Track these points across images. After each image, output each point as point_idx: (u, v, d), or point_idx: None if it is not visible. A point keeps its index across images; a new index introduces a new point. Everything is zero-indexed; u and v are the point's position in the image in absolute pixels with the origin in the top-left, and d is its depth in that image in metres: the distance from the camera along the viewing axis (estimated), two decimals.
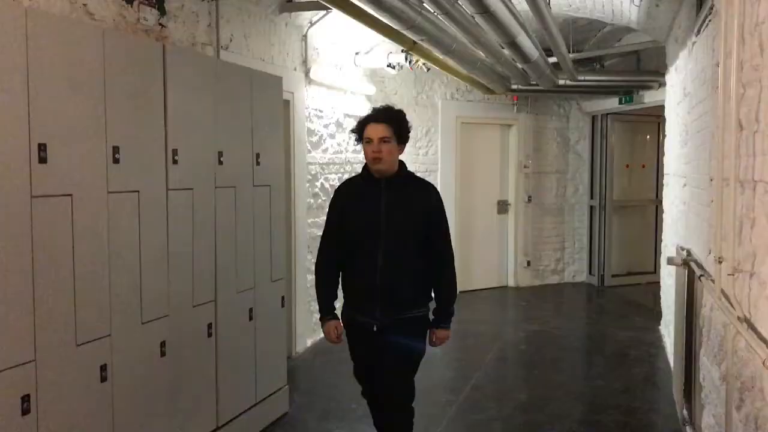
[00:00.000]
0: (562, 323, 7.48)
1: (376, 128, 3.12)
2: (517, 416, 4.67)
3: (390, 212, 3.11)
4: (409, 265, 3.15)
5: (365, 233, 3.13)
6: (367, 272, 3.13)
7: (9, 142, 2.45)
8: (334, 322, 3.29)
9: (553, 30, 5.22)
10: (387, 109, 3.22)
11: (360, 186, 3.26)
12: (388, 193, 3.14)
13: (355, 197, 3.23)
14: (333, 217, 3.28)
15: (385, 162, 3.11)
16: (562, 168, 9.53)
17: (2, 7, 2.55)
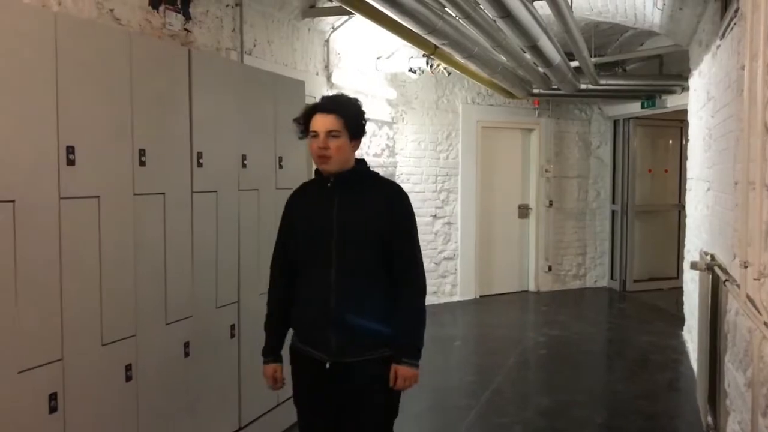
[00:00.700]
0: (583, 328, 7.43)
1: (324, 120, 2.53)
2: (539, 421, 4.65)
3: (343, 216, 2.54)
4: (371, 284, 2.54)
5: (314, 243, 2.56)
6: (318, 292, 2.52)
7: (38, 145, 2.50)
8: (274, 366, 2.69)
9: (575, 34, 5.21)
10: (337, 98, 2.67)
11: (311, 190, 2.71)
12: (340, 194, 2.57)
13: (305, 203, 2.67)
14: (282, 229, 2.72)
15: (334, 161, 2.53)
16: (583, 172, 9.47)
17: (32, 13, 2.61)
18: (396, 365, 2.55)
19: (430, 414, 4.85)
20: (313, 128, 2.54)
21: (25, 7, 2.71)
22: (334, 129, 2.51)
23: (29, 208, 2.45)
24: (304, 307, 2.60)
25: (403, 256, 2.58)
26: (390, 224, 2.55)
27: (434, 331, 7.31)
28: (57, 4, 3.19)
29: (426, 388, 5.43)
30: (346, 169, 2.57)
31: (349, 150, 2.57)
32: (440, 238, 8.32)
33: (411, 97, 7.94)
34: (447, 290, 8.39)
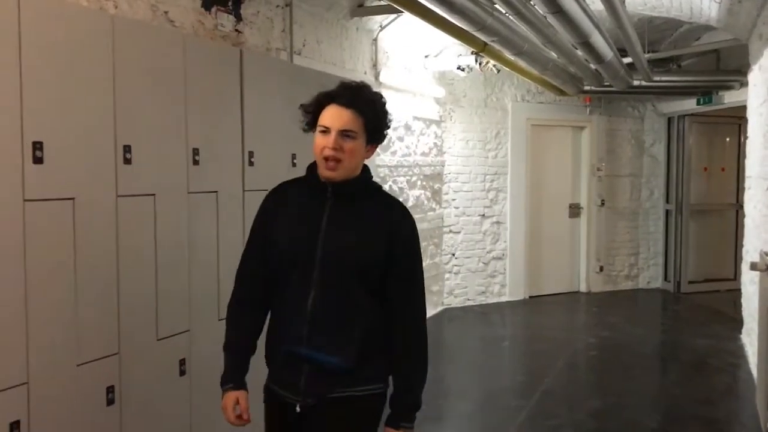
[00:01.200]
0: (635, 330, 7.27)
1: (340, 114, 2.03)
2: (590, 423, 4.56)
3: (332, 234, 2.05)
4: (355, 315, 2.05)
5: (293, 258, 2.06)
6: (292, 319, 2.06)
7: (97, 144, 2.57)
8: (235, 394, 2.13)
9: (628, 29, 5.10)
10: (359, 90, 2.10)
11: (298, 192, 2.16)
12: (334, 206, 2.07)
13: (289, 206, 2.14)
14: (256, 233, 2.19)
15: (343, 167, 2.04)
16: (636, 171, 9.28)
17: (90, 16, 2.68)
18: (390, 428, 2.11)
19: (479, 414, 4.82)
20: (323, 122, 2.03)
21: (83, 10, 2.78)
22: (350, 129, 2.02)
23: (88, 206, 2.52)
24: (277, 338, 2.13)
25: (405, 292, 2.11)
26: (390, 250, 2.07)
27: (483, 331, 7.27)
28: (113, 7, 3.27)
29: (475, 388, 5.40)
30: (350, 178, 2.08)
31: (362, 156, 2.09)
32: (489, 238, 8.25)
33: (459, 95, 7.90)
34: (496, 290, 8.32)
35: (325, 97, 2.08)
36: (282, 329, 2.10)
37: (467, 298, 8.12)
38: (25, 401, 2.28)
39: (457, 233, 8.01)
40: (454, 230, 8.00)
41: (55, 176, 2.39)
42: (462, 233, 8.05)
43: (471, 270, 8.13)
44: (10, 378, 2.24)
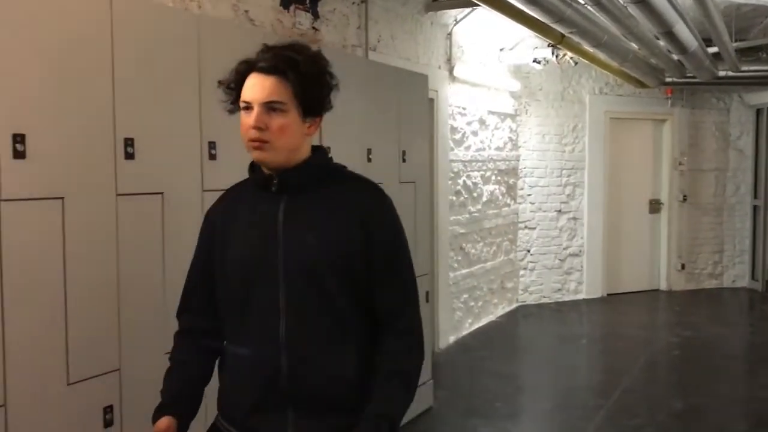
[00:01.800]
0: (720, 330, 7.00)
1: (261, 83, 1.62)
2: (673, 425, 4.43)
3: (293, 235, 1.64)
4: (341, 335, 1.65)
5: (251, 280, 1.65)
6: (261, 354, 1.64)
7: (184, 141, 2.66)
8: (167, 420, 1.66)
9: (714, 18, 4.91)
10: (283, 50, 1.64)
11: (243, 197, 1.75)
12: (288, 201, 1.66)
13: (235, 215, 1.73)
14: (199, 254, 1.79)
15: (273, 149, 1.62)
16: (721, 165, 8.91)
17: (176, 16, 2.77)
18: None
19: (557, 412, 4.74)
20: (244, 97, 1.64)
21: (169, 10, 2.89)
22: (275, 100, 1.60)
23: (176, 200, 2.61)
24: (237, 380, 1.68)
25: (390, 294, 1.68)
26: (367, 245, 1.64)
27: (559, 328, 7.15)
28: (197, 7, 3.37)
29: (552, 386, 5.32)
30: (295, 163, 1.67)
31: (299, 132, 1.65)
32: (565, 234, 8.10)
33: (535, 89, 7.78)
34: (572, 288, 8.16)
35: (244, 65, 1.66)
36: (248, 369, 1.65)
37: (542, 296, 8.00)
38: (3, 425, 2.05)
39: (532, 229, 7.90)
40: (530, 226, 7.89)
41: (145, 172, 2.49)
42: (537, 229, 7.93)
43: (546, 267, 8.01)
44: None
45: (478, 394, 4.95)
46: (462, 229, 6.50)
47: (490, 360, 5.90)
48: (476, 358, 5.90)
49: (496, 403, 4.78)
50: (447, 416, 4.54)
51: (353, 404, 1.61)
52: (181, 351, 1.78)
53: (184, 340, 1.79)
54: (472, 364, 5.74)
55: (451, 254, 6.31)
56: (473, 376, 5.39)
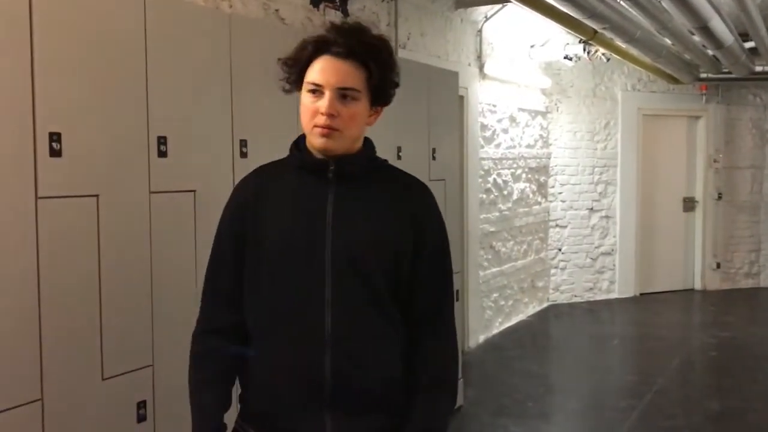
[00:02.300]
0: (758, 330, 6.86)
1: (336, 67, 1.51)
2: (708, 427, 4.35)
3: (343, 225, 1.55)
4: (384, 331, 1.57)
5: (296, 264, 1.54)
6: (303, 345, 1.53)
7: (215, 138, 2.68)
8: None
9: (752, 11, 4.82)
10: (360, 33, 1.54)
11: (283, 177, 1.62)
12: (339, 190, 1.57)
13: (275, 199, 1.59)
14: (226, 242, 1.62)
15: (342, 137, 1.54)
16: (758, 162, 8.73)
17: (208, 14, 2.79)
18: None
19: (588, 413, 4.69)
20: (314, 79, 1.52)
21: (201, 9, 2.91)
22: (351, 86, 1.51)
23: (208, 198, 2.63)
24: (278, 372, 1.55)
25: (433, 297, 1.61)
26: (416, 245, 1.59)
27: (591, 328, 7.07)
28: (228, 6, 3.40)
29: (584, 386, 5.26)
30: (352, 152, 1.59)
31: (364, 121, 1.59)
32: (597, 232, 8.00)
33: (566, 86, 7.69)
34: (604, 287, 8.06)
35: (314, 45, 1.52)
36: (289, 359, 1.53)
37: (574, 295, 7.91)
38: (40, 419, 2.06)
39: (563, 227, 7.82)
40: (561, 224, 7.81)
41: (178, 170, 2.51)
42: (569, 227, 7.85)
43: (578, 265, 7.92)
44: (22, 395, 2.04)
45: (508, 393, 4.92)
46: (492, 227, 6.46)
47: (521, 359, 5.85)
48: (506, 358, 5.86)
49: (527, 402, 4.74)
50: (477, 415, 4.51)
51: (395, 405, 1.57)
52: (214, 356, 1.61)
53: (214, 344, 1.60)
54: (503, 363, 5.70)
55: (481, 253, 6.27)
56: (503, 376, 5.35)
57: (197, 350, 1.63)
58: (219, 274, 1.63)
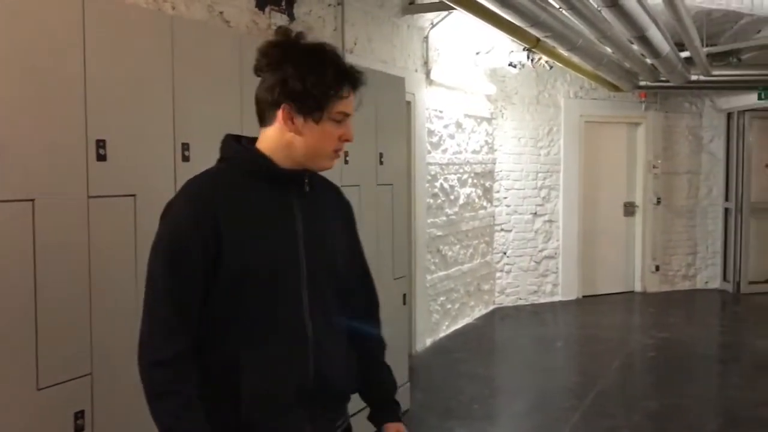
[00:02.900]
0: (694, 331, 7.09)
1: (353, 99, 1.67)
2: (647, 425, 4.47)
3: (310, 234, 1.66)
4: (342, 330, 1.75)
5: (278, 272, 1.61)
6: (293, 351, 1.61)
7: (157, 142, 2.63)
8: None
9: (686, 22, 4.98)
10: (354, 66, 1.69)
11: (249, 190, 1.62)
12: (300, 202, 1.66)
13: (248, 214, 1.60)
14: (196, 261, 1.54)
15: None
16: (694, 168, 9.04)
17: (149, 16, 2.75)
18: (397, 424, 1.86)
19: (533, 414, 4.77)
20: (344, 109, 1.64)
21: (141, 11, 2.86)
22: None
23: (149, 202, 2.58)
24: (262, 383, 1.58)
25: (369, 284, 1.87)
26: (352, 241, 1.82)
27: (535, 330, 7.19)
28: (171, 8, 3.34)
29: (528, 387, 5.34)
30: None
31: None
32: (540, 236, 8.16)
33: (511, 92, 7.82)
34: (548, 290, 8.22)
35: (345, 78, 1.63)
36: (279, 370, 1.59)
37: (519, 298, 8.04)
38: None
39: (508, 232, 7.95)
40: (506, 228, 7.93)
41: (117, 174, 2.46)
42: (513, 231, 7.98)
43: (522, 269, 8.05)
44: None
45: (454, 396, 4.96)
46: (439, 231, 6.52)
47: (467, 362, 5.92)
48: (453, 361, 5.91)
49: (473, 404, 4.79)
50: (424, 418, 4.54)
51: (346, 399, 1.77)
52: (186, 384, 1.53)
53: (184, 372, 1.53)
54: (449, 366, 5.75)
55: (429, 257, 6.32)
56: (450, 378, 5.40)
57: (163, 358, 1.52)
58: (185, 294, 1.55)
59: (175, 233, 1.57)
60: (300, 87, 1.57)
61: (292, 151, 1.63)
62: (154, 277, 1.57)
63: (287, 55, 1.59)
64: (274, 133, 1.63)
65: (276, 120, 1.62)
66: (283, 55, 1.59)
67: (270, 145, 1.64)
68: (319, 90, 1.58)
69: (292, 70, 1.57)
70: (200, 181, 1.64)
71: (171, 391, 1.52)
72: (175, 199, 1.63)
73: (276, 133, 1.63)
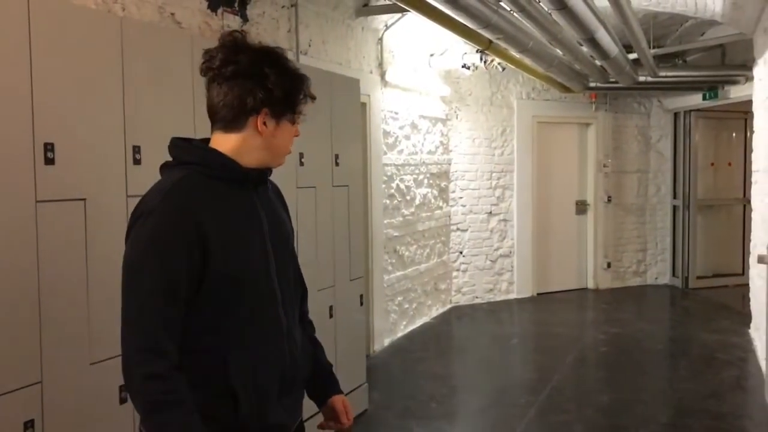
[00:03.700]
0: (644, 326, 7.27)
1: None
2: (600, 419, 4.57)
3: (272, 224, 1.74)
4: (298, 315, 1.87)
5: (257, 270, 1.68)
6: (275, 342, 1.70)
7: (107, 145, 2.59)
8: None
9: (633, 25, 5.10)
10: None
11: (216, 189, 1.64)
12: (259, 200, 1.73)
13: (227, 218, 1.63)
14: (182, 269, 1.55)
15: None
16: (643, 167, 9.27)
17: (99, 18, 2.70)
18: (342, 396, 1.93)
19: (490, 411, 4.83)
20: (304, 109, 1.73)
21: (90, 12, 2.82)
22: None
23: (99, 206, 2.54)
24: (259, 377, 1.65)
25: (298, 265, 1.91)
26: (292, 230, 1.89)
27: (492, 328, 7.28)
28: (121, 9, 3.29)
29: (485, 385, 5.41)
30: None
31: None
32: (496, 235, 8.26)
33: (465, 94, 7.91)
34: (503, 288, 8.33)
35: (305, 84, 1.71)
36: (268, 363, 1.67)
37: (475, 296, 8.13)
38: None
39: (464, 231, 8.03)
40: (461, 228, 8.01)
41: (66, 178, 2.41)
42: (469, 231, 8.06)
43: (479, 268, 8.14)
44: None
45: (413, 395, 4.99)
46: (396, 232, 6.55)
47: (425, 361, 5.96)
48: (411, 360, 5.94)
49: (431, 403, 4.83)
50: (382, 418, 4.56)
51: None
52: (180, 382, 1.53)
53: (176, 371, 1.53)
54: (407, 365, 5.78)
55: (386, 257, 6.34)
56: (408, 378, 5.43)
57: (155, 371, 1.50)
58: (173, 306, 1.55)
59: (160, 245, 1.54)
60: (281, 93, 1.63)
61: (259, 153, 1.67)
62: (138, 290, 1.54)
63: (260, 61, 1.61)
64: (241, 137, 1.65)
65: (248, 125, 1.64)
66: (255, 61, 1.61)
67: (234, 147, 1.65)
68: (295, 95, 1.67)
69: (274, 77, 1.61)
70: (177, 188, 1.59)
71: (171, 401, 1.51)
72: (153, 210, 1.56)
73: (244, 136, 1.65)
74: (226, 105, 1.63)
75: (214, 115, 1.66)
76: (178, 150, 1.69)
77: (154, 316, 1.52)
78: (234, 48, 1.61)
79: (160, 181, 1.66)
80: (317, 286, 4.06)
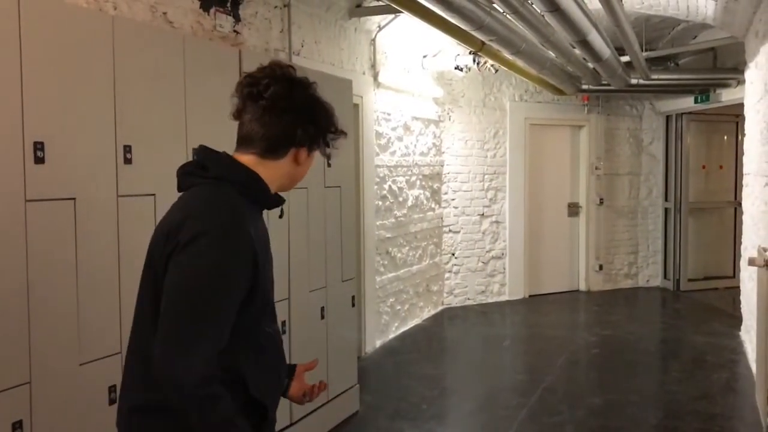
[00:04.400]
0: (636, 328, 7.29)
1: None
2: (591, 421, 4.58)
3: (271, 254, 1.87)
4: None
5: (272, 301, 1.83)
6: (280, 359, 1.85)
7: (98, 144, 2.58)
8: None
9: (625, 28, 5.12)
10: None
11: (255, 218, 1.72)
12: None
13: (262, 243, 1.71)
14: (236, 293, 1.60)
15: None
16: (635, 170, 9.29)
17: (90, 17, 2.69)
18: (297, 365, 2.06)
19: (481, 412, 4.83)
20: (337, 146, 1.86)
21: (81, 11, 2.80)
22: None
23: (89, 206, 2.53)
24: (271, 381, 1.79)
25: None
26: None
27: (483, 330, 7.28)
28: (113, 8, 3.28)
29: (477, 386, 5.41)
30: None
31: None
32: (488, 237, 8.27)
33: (458, 95, 7.91)
34: (495, 290, 8.33)
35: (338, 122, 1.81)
36: (278, 368, 1.83)
37: (467, 298, 8.13)
38: None
39: (456, 233, 8.03)
40: (454, 230, 8.01)
41: (56, 177, 2.40)
42: (461, 233, 8.06)
43: (471, 269, 8.15)
44: None
45: (404, 397, 4.99)
46: (388, 233, 6.54)
47: (416, 363, 5.96)
48: (402, 362, 5.94)
49: (422, 405, 4.82)
50: (373, 420, 4.55)
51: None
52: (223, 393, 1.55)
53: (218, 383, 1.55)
54: (399, 367, 5.77)
55: (378, 258, 6.34)
56: (399, 380, 5.42)
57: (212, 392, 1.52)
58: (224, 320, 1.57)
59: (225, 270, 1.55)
60: (325, 131, 1.74)
61: (283, 180, 1.75)
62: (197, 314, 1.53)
63: (312, 99, 1.72)
64: (277, 164, 1.71)
65: (287, 155, 1.71)
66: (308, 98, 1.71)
67: (268, 173, 1.69)
68: (334, 132, 1.77)
69: (323, 115, 1.73)
70: (233, 208, 1.62)
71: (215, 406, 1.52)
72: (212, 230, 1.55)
73: (280, 164, 1.71)
74: (271, 134, 1.68)
75: (251, 139, 1.69)
76: (221, 166, 1.67)
77: (212, 340, 1.53)
78: (288, 83, 1.68)
79: (209, 198, 1.63)
80: (309, 287, 4.06)
